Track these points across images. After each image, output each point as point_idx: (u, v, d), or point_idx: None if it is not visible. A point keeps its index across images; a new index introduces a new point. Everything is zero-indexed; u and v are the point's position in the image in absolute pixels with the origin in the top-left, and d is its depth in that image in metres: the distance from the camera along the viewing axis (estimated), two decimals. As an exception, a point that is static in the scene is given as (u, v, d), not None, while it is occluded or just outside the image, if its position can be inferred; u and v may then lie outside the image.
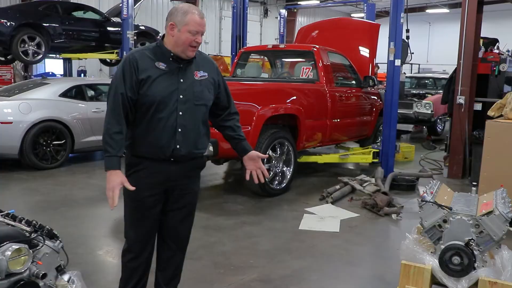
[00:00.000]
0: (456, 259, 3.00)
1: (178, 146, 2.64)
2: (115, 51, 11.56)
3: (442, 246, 3.06)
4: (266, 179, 5.89)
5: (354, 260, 4.11)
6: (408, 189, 6.54)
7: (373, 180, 6.54)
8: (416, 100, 11.13)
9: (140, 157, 2.68)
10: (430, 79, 13.43)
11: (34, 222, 2.40)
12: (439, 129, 11.53)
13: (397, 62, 6.86)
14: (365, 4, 12.62)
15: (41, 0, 11.07)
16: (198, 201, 2.66)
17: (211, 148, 5.27)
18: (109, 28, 11.71)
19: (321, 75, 6.88)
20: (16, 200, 5.87)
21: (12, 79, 14.88)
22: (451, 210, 3.11)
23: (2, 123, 6.94)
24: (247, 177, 2.96)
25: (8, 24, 9.91)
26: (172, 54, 2.64)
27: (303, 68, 7.08)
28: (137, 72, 2.57)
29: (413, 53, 7.26)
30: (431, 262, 3.11)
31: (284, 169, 6.29)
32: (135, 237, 2.80)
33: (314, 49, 7.01)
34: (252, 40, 20.21)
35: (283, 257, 4.13)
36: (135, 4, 12.11)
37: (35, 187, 6.36)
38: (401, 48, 6.90)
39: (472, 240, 2.99)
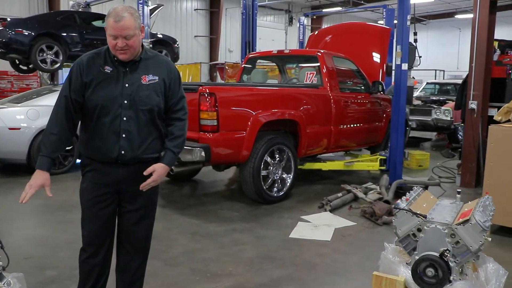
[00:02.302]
0: (430, 271, 2.81)
1: (122, 152, 2.61)
2: (131, 59, 11.65)
3: (417, 257, 2.87)
4: (264, 186, 5.83)
5: (338, 270, 3.92)
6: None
7: (378, 188, 6.32)
8: (436, 106, 10.78)
9: (91, 159, 2.68)
10: (452, 85, 13.01)
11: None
12: (460, 137, 11.11)
13: (404, 66, 6.63)
14: (384, 10, 12.37)
15: (60, 10, 11.31)
16: (193, 207, 2.57)
17: (203, 154, 5.19)
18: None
19: (325, 80, 6.72)
20: (17, 204, 5.92)
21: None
22: (425, 218, 2.92)
23: (10, 129, 7.08)
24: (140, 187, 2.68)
25: (27, 34, 10.18)
26: (115, 58, 2.60)
27: (307, 73, 6.94)
28: (83, 75, 2.58)
29: (421, 56, 6.99)
30: (405, 273, 2.93)
31: (284, 176, 6.15)
32: (88, 237, 2.78)
33: (318, 54, 6.86)
34: (277, 48, 20.16)
35: (264, 266, 3.99)
36: (152, 13, 12.24)
37: (38, 191, 6.37)
38: (408, 52, 6.68)
39: (447, 251, 2.79)
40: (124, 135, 2.58)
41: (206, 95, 5.24)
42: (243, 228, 5.02)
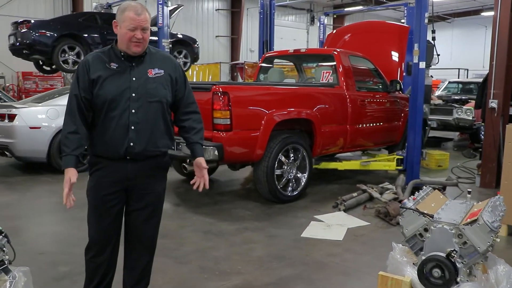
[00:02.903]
0: (436, 272, 2.76)
1: (131, 144, 2.64)
2: (151, 59, 11.79)
3: (423, 257, 2.83)
4: (278, 186, 5.82)
5: (347, 270, 3.89)
6: (432, 198, 6.16)
7: (394, 188, 6.24)
8: (457, 106, 10.59)
9: (99, 156, 2.71)
10: (475, 84, 12.74)
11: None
12: (482, 136, 10.88)
13: (422, 65, 6.53)
14: (405, 8, 12.19)
15: (81, 12, 11.53)
16: (207, 206, 2.59)
17: (216, 152, 5.21)
18: (147, 37, 12.00)
19: (341, 79, 6.67)
20: (35, 201, 6.07)
21: (63, 88, 15.60)
22: (432, 218, 2.87)
23: (31, 128, 7.24)
24: (194, 187, 2.87)
25: (50, 35, 10.40)
26: (122, 53, 2.66)
27: (323, 72, 6.89)
28: (89, 73, 2.63)
29: (439, 55, 6.89)
30: (411, 274, 2.89)
31: (299, 175, 6.13)
32: (95, 235, 2.81)
33: (335, 53, 6.81)
34: (299, 47, 20.12)
35: (273, 265, 3.98)
36: (172, 13, 12.34)
37: (56, 189, 6.55)
38: (426, 50, 6.58)
39: (454, 252, 2.73)
40: (133, 127, 2.62)
41: (219, 94, 5.26)
42: (255, 227, 5.02)
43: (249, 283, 3.62)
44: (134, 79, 2.64)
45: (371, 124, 7.10)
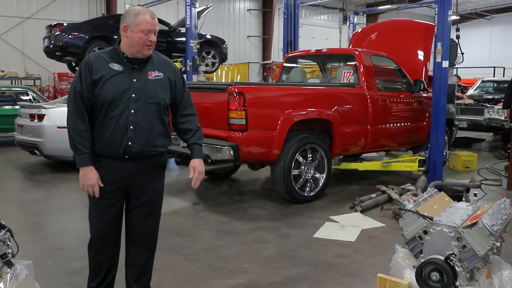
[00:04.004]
0: (435, 275, 2.72)
1: (130, 143, 2.72)
2: (179, 59, 11.99)
3: (422, 260, 2.79)
4: (296, 186, 5.83)
5: (354, 272, 3.87)
6: (454, 200, 6.02)
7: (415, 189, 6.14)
8: (489, 105, 10.28)
9: (99, 155, 2.78)
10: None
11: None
12: (514, 137, 10.53)
13: (445, 64, 6.40)
14: (436, 5, 11.92)
15: (112, 14, 11.82)
16: (223, 205, 2.65)
17: (231, 152, 5.27)
18: (175, 38, 12.21)
19: (362, 79, 6.60)
20: (59, 198, 6.30)
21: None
22: (432, 220, 2.83)
23: (59, 127, 7.48)
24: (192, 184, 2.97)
25: (82, 37, 10.73)
26: (125, 55, 2.73)
27: (344, 72, 6.84)
28: (91, 72, 2.69)
29: (463, 53, 6.71)
30: (411, 277, 2.85)
31: (317, 175, 6.11)
32: (96, 232, 2.91)
33: (356, 52, 6.75)
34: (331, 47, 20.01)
35: (281, 264, 4.00)
36: (200, 14, 12.50)
37: (80, 187, 6.75)
38: (450, 49, 6.44)
39: (453, 255, 2.69)
40: (131, 127, 2.70)
41: (235, 95, 5.31)
42: (268, 226, 5.04)
43: (254, 282, 3.66)
44: (134, 80, 2.72)
45: (394, 125, 6.99)
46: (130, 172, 2.78)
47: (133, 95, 2.70)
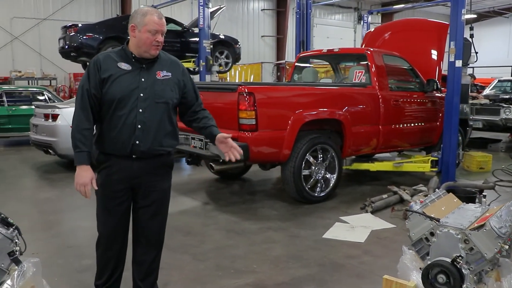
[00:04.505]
0: (441, 278, 2.68)
1: (137, 142, 2.73)
2: (192, 60, 12.04)
3: (429, 262, 2.76)
4: (306, 186, 5.81)
5: (362, 273, 3.85)
6: (467, 201, 5.94)
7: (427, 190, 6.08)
8: (505, 105, 10.13)
9: (106, 154, 2.80)
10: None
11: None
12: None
13: (458, 63, 6.32)
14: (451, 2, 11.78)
15: (126, 15, 11.91)
16: (234, 205, 2.65)
17: (241, 152, 5.26)
18: (189, 38, 12.27)
19: (373, 79, 6.55)
20: (72, 197, 6.34)
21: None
22: (439, 221, 2.80)
23: (72, 127, 7.56)
24: (226, 159, 2.94)
25: (96, 37, 10.84)
26: (133, 55, 2.75)
27: (356, 72, 6.80)
28: (100, 71, 2.71)
29: (477, 52, 6.62)
30: (417, 279, 2.83)
31: (328, 176, 6.09)
32: (103, 231, 2.95)
33: (368, 52, 6.71)
34: (345, 46, 19.92)
35: (289, 264, 4.00)
36: (214, 14, 12.54)
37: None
38: (463, 48, 6.36)
39: (460, 257, 2.65)
40: (139, 126, 2.71)
41: (244, 95, 5.31)
42: (278, 227, 5.04)
43: (261, 282, 3.66)
44: (143, 80, 2.74)
45: (406, 125, 6.93)
46: (137, 172, 2.80)
47: (141, 95, 2.72)
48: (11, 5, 17.35)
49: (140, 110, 2.71)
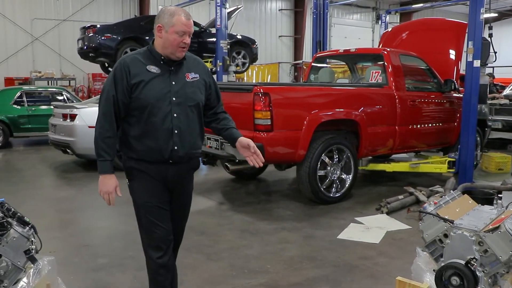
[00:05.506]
0: (455, 280, 2.65)
1: (176, 148, 2.64)
2: (209, 60, 12.10)
3: (442, 264, 2.74)
4: (322, 187, 5.80)
5: (376, 274, 3.82)
6: (485, 203, 5.86)
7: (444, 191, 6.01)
8: (526, 106, 9.96)
9: (139, 160, 2.67)
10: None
11: (8, 209, 2.61)
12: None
13: (476, 63, 6.24)
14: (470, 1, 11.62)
15: (144, 16, 12.02)
16: (249, 205, 2.62)
17: (257, 152, 5.27)
18: (206, 39, 12.34)
19: (390, 79, 6.51)
20: (89, 196, 6.44)
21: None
22: (453, 223, 2.77)
23: (90, 127, 7.67)
24: (250, 164, 2.84)
25: (114, 38, 10.97)
26: (162, 57, 2.64)
27: (373, 72, 6.76)
28: (129, 77, 2.58)
29: (496, 52, 6.52)
30: (431, 281, 2.80)
31: (343, 176, 6.07)
32: (160, 237, 2.73)
33: (384, 52, 6.66)
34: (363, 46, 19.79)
35: (303, 265, 3.99)
36: (231, 15, 12.58)
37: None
38: (482, 48, 6.27)
39: (474, 260, 2.62)
40: (176, 131, 2.62)
41: (260, 95, 5.32)
42: (292, 227, 5.04)
43: (275, 282, 3.66)
44: (173, 83, 2.64)
45: (423, 125, 6.86)
46: (171, 176, 2.71)
47: (174, 98, 2.62)
48: (32, 6, 17.67)
49: (175, 115, 2.62)
